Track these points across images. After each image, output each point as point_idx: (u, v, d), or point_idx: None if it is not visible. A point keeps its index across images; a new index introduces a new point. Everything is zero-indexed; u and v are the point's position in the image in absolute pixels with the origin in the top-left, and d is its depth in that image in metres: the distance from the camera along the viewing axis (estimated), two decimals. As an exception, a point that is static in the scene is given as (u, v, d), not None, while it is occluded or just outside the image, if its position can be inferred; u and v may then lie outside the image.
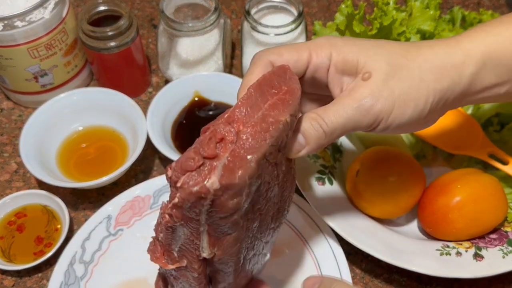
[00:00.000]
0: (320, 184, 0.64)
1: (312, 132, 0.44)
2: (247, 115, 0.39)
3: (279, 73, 0.42)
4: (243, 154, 0.37)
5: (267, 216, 0.46)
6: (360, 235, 0.60)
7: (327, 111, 0.44)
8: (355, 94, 0.44)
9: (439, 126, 0.69)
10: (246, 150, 0.38)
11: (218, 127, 0.38)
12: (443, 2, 0.92)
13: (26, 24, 0.67)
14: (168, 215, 0.40)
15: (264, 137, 0.38)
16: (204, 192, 0.36)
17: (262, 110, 0.39)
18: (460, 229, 0.60)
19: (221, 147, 0.38)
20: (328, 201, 0.63)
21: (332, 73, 0.46)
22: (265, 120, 0.39)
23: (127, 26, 0.71)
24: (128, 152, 0.71)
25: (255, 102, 0.40)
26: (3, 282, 0.63)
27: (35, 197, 0.67)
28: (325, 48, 0.46)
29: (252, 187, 0.40)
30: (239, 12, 0.92)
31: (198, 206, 0.38)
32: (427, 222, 0.62)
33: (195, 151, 0.37)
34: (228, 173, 0.37)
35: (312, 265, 0.62)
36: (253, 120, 0.39)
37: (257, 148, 0.38)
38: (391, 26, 0.67)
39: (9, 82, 0.74)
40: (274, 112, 0.39)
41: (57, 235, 0.65)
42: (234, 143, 0.38)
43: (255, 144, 0.38)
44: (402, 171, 0.62)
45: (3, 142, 0.76)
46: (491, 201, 0.60)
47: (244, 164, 0.37)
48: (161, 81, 0.83)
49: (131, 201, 0.66)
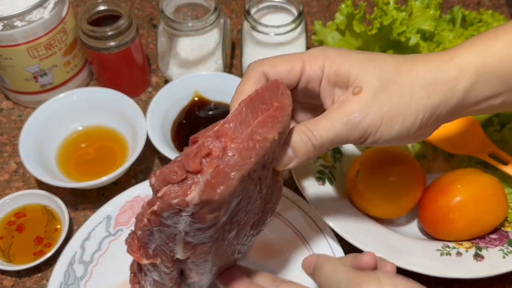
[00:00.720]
0: (320, 184, 0.64)
1: (301, 145, 0.44)
2: (236, 130, 0.39)
3: (272, 88, 0.42)
4: (227, 171, 0.38)
5: (246, 226, 0.47)
6: (360, 235, 0.60)
7: (317, 125, 0.44)
8: (344, 108, 0.45)
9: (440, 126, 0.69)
10: (230, 167, 0.38)
11: (206, 141, 0.39)
12: (443, 2, 0.92)
13: (26, 24, 0.67)
14: (146, 219, 0.40)
15: (250, 155, 0.39)
16: (183, 205, 0.37)
17: (251, 126, 0.40)
18: (461, 229, 0.60)
19: (206, 162, 0.38)
20: (328, 201, 0.63)
21: (324, 85, 0.46)
22: (253, 138, 0.39)
23: (127, 26, 0.71)
24: (128, 152, 0.71)
25: (245, 118, 0.40)
26: (3, 282, 0.63)
27: (34, 197, 0.67)
28: (319, 59, 0.46)
29: (232, 203, 0.40)
30: (239, 12, 0.92)
31: (176, 217, 0.38)
32: (427, 222, 0.62)
33: (179, 166, 0.38)
34: (209, 189, 0.37)
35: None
36: (241, 136, 0.39)
37: (241, 166, 0.38)
38: (391, 26, 0.67)
39: (8, 82, 0.74)
40: (262, 130, 0.40)
41: (57, 235, 0.65)
42: (220, 158, 0.38)
43: (240, 161, 0.38)
44: (402, 171, 0.61)
45: (2, 142, 0.76)
46: (491, 201, 0.60)
47: (226, 181, 0.38)
48: (160, 81, 0.83)
49: (130, 201, 0.66)
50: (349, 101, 0.45)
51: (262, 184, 0.44)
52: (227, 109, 0.74)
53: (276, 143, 0.41)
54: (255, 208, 0.46)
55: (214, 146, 0.39)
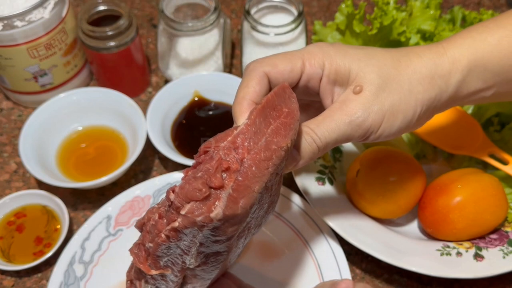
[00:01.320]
0: (320, 184, 0.64)
1: (306, 146, 0.44)
2: (251, 141, 0.39)
3: (280, 93, 0.42)
4: (247, 184, 0.38)
5: (251, 229, 0.47)
6: (360, 235, 0.60)
7: (320, 126, 0.45)
8: (346, 108, 0.45)
9: (440, 126, 0.69)
10: (249, 179, 0.38)
11: (223, 153, 0.39)
12: (443, 2, 0.92)
13: (26, 23, 0.67)
14: (165, 235, 0.40)
15: (267, 165, 0.39)
16: (208, 222, 0.37)
17: (266, 136, 0.40)
18: (461, 229, 0.60)
19: (226, 176, 0.38)
20: (328, 201, 0.63)
21: (324, 83, 0.47)
22: (268, 148, 0.39)
23: (127, 25, 0.71)
24: (128, 152, 0.71)
25: (259, 127, 0.40)
26: (3, 282, 0.63)
27: (34, 197, 0.67)
28: (318, 57, 0.46)
29: (250, 213, 0.41)
30: (239, 12, 0.92)
31: (197, 231, 0.39)
32: (427, 222, 0.62)
33: (203, 183, 0.38)
34: (232, 203, 0.38)
35: (312, 265, 0.62)
36: (257, 147, 0.39)
37: (259, 177, 0.38)
38: (391, 26, 0.67)
39: (8, 82, 0.74)
40: (277, 139, 0.40)
41: (57, 235, 0.65)
42: (238, 171, 0.38)
43: (258, 172, 0.38)
44: (402, 171, 0.61)
45: (2, 142, 0.76)
46: (491, 201, 0.60)
47: (247, 194, 0.38)
48: (160, 81, 0.83)
49: (130, 201, 0.66)
50: (351, 101, 0.45)
51: (272, 189, 0.44)
52: (227, 109, 0.74)
53: (289, 149, 0.41)
54: (263, 211, 0.46)
55: (231, 159, 0.38)
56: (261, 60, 0.46)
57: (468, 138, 0.68)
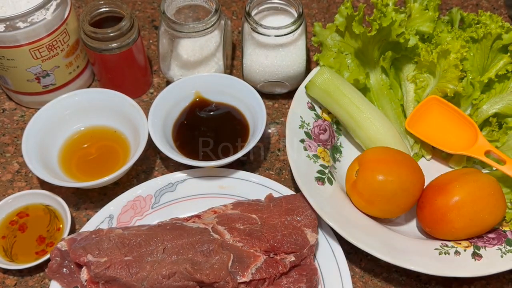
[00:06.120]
0: (320, 184, 0.64)
1: None
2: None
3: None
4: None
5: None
6: (359, 234, 0.60)
7: None
8: None
9: (438, 127, 0.70)
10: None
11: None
12: (442, 4, 0.92)
13: (28, 25, 0.67)
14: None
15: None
16: None
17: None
18: (459, 228, 0.60)
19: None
20: (328, 201, 0.63)
21: None
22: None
23: (129, 27, 0.71)
24: (130, 152, 0.71)
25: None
26: (5, 281, 0.64)
27: (37, 197, 0.67)
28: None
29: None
30: (239, 14, 0.93)
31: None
32: (426, 222, 0.63)
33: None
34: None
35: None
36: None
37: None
38: (390, 27, 0.68)
39: (11, 83, 0.75)
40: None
41: (59, 234, 0.65)
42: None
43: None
44: (401, 171, 0.62)
45: (5, 142, 0.76)
46: (489, 201, 0.60)
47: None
48: (162, 81, 0.83)
49: (132, 201, 0.66)
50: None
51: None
52: (228, 109, 0.75)
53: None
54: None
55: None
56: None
57: (466, 138, 0.68)
